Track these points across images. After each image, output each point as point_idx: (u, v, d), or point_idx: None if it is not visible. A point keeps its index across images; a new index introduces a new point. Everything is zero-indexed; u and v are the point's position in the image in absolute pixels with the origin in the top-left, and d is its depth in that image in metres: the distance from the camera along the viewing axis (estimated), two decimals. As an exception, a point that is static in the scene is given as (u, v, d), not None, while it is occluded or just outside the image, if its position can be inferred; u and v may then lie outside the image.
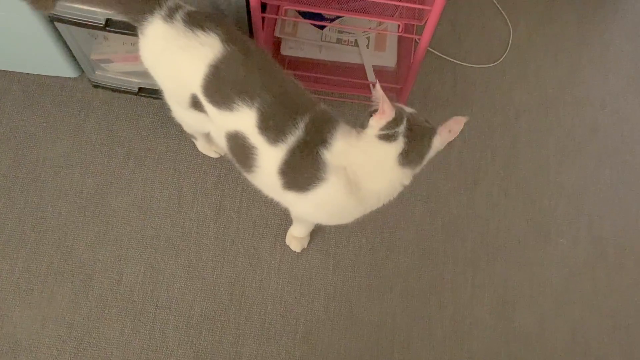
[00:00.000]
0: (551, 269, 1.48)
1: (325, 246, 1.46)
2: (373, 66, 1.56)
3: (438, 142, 1.04)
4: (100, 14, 1.27)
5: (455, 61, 1.71)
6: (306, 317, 1.39)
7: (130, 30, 1.28)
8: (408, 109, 1.07)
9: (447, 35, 1.76)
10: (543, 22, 1.81)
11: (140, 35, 1.14)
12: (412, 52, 1.48)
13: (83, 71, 1.57)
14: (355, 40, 1.57)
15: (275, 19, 1.50)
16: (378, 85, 1.02)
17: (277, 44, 1.58)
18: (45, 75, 1.61)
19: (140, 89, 1.54)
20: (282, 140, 1.04)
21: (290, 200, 1.13)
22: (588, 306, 1.45)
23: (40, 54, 1.51)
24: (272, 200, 1.49)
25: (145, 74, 1.51)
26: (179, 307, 1.38)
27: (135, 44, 1.45)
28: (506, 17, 1.80)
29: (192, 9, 1.11)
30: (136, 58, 1.46)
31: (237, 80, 1.05)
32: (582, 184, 1.59)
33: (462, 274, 1.46)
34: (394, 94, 1.54)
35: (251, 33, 1.30)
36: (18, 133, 1.54)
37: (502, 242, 1.50)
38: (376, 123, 1.03)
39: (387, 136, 1.02)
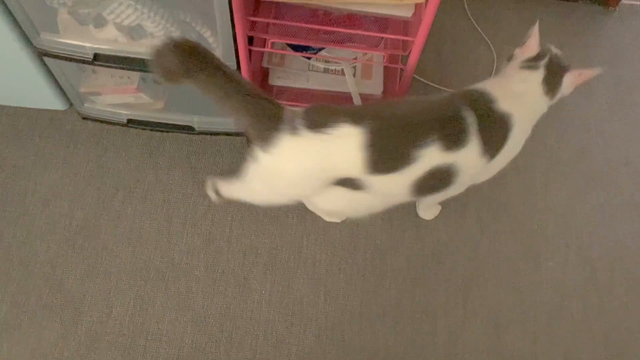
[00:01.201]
0: (542, 291, 1.49)
1: (315, 274, 1.46)
2: (360, 94, 1.58)
3: (568, 81, 1.20)
4: (89, 48, 1.28)
5: (441, 88, 1.74)
6: (298, 347, 1.38)
7: (118, 63, 1.30)
8: (554, 49, 1.22)
9: (432, 63, 1.79)
10: (526, 48, 1.85)
11: (261, 155, 1.09)
12: (398, 80, 1.50)
13: (72, 104, 1.58)
14: (342, 69, 1.59)
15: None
16: (537, 24, 1.20)
17: (265, 73, 1.59)
18: (34, 108, 1.61)
19: (129, 120, 1.55)
20: (470, 136, 1.09)
21: (493, 166, 1.21)
22: (580, 328, 1.45)
23: (28, 88, 1.52)
24: (262, 229, 1.49)
25: (133, 106, 1.53)
26: (170, 339, 1.37)
27: (123, 77, 1.47)
28: (490, 43, 1.84)
29: (297, 109, 1.10)
30: (125, 90, 1.48)
31: (402, 140, 1.07)
32: (570, 206, 1.60)
33: (454, 299, 1.46)
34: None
35: (238, 65, 1.31)
36: (6, 166, 1.54)
37: (493, 265, 1.51)
38: (519, 54, 1.22)
39: (530, 66, 1.19)
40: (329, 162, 1.08)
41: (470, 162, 1.13)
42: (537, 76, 1.18)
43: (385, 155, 1.07)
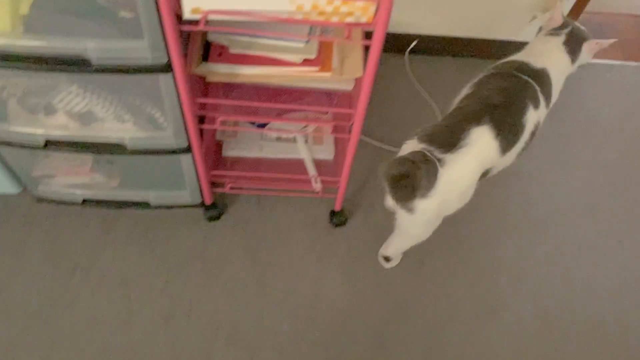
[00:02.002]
0: (501, 345, 1.51)
1: (277, 344, 1.45)
2: (313, 159, 1.63)
3: (586, 48, 1.42)
4: (40, 135, 1.30)
5: (392, 148, 1.81)
6: (264, 420, 1.36)
7: (69, 148, 1.31)
8: (576, 24, 1.44)
9: (380, 125, 1.86)
10: (469, 106, 1.94)
11: (424, 202, 1.19)
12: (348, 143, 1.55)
13: (26, 187, 1.58)
14: (294, 137, 1.64)
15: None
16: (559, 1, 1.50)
17: (218, 145, 1.63)
18: (-14, 193, 1.61)
19: (84, 200, 1.55)
20: (539, 94, 1.34)
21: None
22: (542, 377, 1.48)
23: (-20, 174, 1.51)
24: (222, 303, 1.49)
25: (88, 186, 1.54)
26: (132, 423, 1.34)
27: (76, 159, 1.48)
28: (434, 106, 1.93)
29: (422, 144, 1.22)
30: (78, 172, 1.50)
31: (514, 118, 1.28)
32: (521, 256, 1.66)
33: None
34: (334, 186, 1.60)
35: (190, 143, 1.34)
36: (-42, 254, 1.51)
37: (451, 322, 1.53)
38: (546, 25, 1.46)
39: (553, 33, 1.43)
40: (479, 165, 1.24)
41: (544, 112, 1.38)
42: (559, 39, 1.42)
43: (509, 135, 1.26)
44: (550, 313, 1.57)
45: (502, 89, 1.30)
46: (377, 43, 1.03)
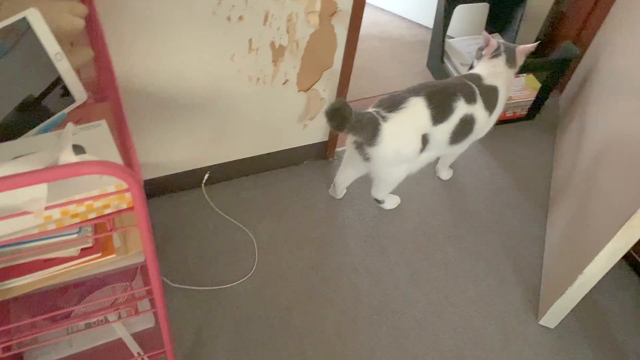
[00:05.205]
0: None
1: None
2: (134, 334, 1.50)
3: (519, 53, 1.92)
4: None
5: (215, 288, 1.75)
6: None
7: None
8: (502, 41, 1.95)
9: (201, 265, 1.80)
10: (277, 222, 1.98)
11: (374, 149, 1.67)
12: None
13: None
14: (105, 317, 1.50)
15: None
16: (484, 33, 1.93)
17: (19, 358, 1.43)
18: None
19: None
20: (477, 97, 1.80)
21: (490, 121, 1.89)
22: None
23: None
24: None
25: None
26: None
27: None
28: (243, 226, 1.93)
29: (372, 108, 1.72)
30: None
31: (446, 98, 1.70)
32: (368, 347, 1.67)
33: None
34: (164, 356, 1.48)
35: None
36: None
37: None
38: (486, 52, 1.93)
39: (495, 55, 1.92)
40: (416, 124, 1.68)
41: (480, 114, 1.80)
42: (502, 59, 1.92)
43: (440, 110, 1.69)
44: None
45: (444, 81, 1.78)
46: (143, 222, 0.99)
